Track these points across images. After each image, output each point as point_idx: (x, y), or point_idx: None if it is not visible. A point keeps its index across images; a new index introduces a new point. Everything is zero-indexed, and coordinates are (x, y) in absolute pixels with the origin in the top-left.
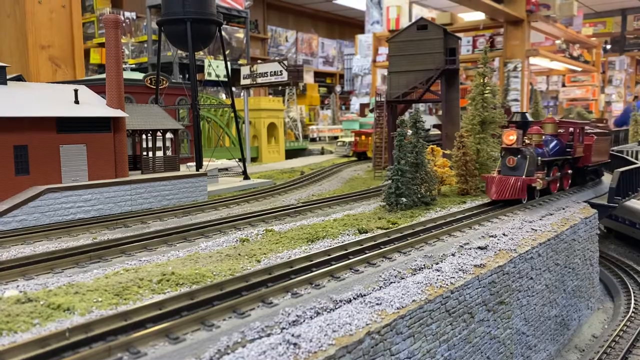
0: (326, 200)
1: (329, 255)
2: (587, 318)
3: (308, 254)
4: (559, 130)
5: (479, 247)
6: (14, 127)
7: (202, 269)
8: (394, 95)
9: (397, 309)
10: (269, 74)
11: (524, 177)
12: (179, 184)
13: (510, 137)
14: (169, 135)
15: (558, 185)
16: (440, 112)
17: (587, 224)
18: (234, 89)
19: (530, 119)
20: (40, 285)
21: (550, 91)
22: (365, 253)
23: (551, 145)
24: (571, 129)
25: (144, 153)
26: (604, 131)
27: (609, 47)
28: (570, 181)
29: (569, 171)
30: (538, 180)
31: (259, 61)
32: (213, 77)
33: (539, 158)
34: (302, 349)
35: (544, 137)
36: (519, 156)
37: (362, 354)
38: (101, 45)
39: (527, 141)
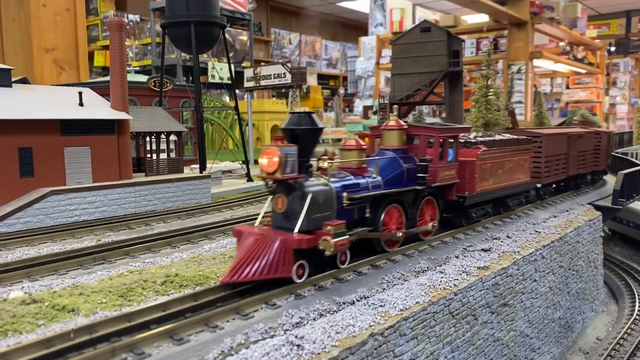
0: None
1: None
2: (591, 320)
3: None
4: (414, 142)
5: (482, 250)
6: (19, 130)
7: (206, 271)
8: (397, 98)
9: (401, 310)
10: (272, 76)
11: (295, 233)
12: (183, 186)
13: (271, 158)
14: (172, 137)
15: (400, 239)
16: (443, 114)
17: (591, 226)
18: (237, 91)
19: (320, 124)
20: (45, 287)
21: (554, 93)
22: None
23: (388, 170)
24: (432, 139)
25: (148, 155)
26: (514, 138)
27: (613, 49)
28: (434, 224)
29: (434, 209)
30: (328, 238)
31: (262, 63)
32: (217, 80)
33: (347, 194)
34: (306, 350)
35: (374, 155)
36: (292, 194)
37: (365, 356)
38: (105, 47)
39: (324, 164)
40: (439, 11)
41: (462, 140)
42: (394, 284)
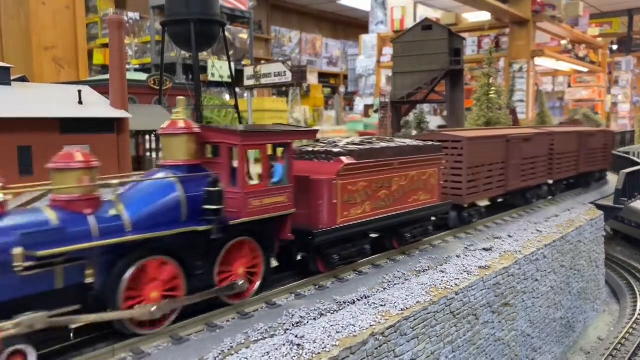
0: None
1: None
2: (592, 320)
3: None
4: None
5: (483, 249)
6: (18, 128)
7: None
8: (398, 96)
9: (401, 310)
10: (272, 74)
11: None
12: None
13: None
14: None
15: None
16: (445, 113)
17: (593, 225)
18: (237, 89)
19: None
20: None
21: (556, 92)
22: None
23: (146, 202)
24: (237, 149)
25: (148, 154)
26: (411, 145)
27: (615, 47)
28: (248, 280)
29: (253, 257)
30: None
31: (262, 62)
32: (217, 78)
33: (23, 249)
34: (306, 350)
35: (148, 174)
36: None
37: (366, 356)
38: (105, 46)
39: None
40: (440, 9)
41: (321, 150)
42: (395, 284)
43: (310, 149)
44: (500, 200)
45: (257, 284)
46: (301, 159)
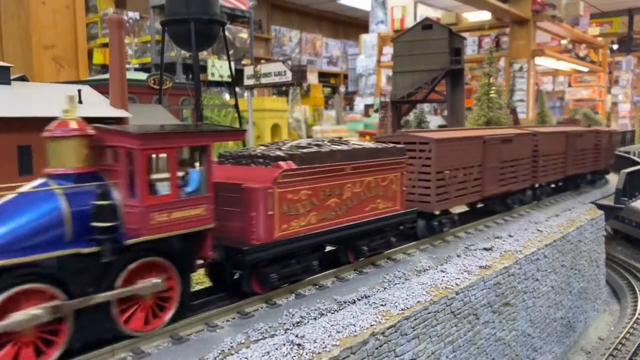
0: None
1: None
2: (593, 320)
3: None
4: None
5: (484, 248)
6: (18, 127)
7: None
8: (398, 96)
9: (402, 310)
10: (272, 74)
11: None
12: None
13: None
14: None
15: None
16: (445, 113)
17: (593, 225)
18: (237, 89)
19: None
20: None
21: (556, 92)
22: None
23: (18, 219)
24: (134, 153)
25: None
26: (368, 147)
27: (615, 47)
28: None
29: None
30: None
31: (262, 61)
32: (216, 78)
33: None
34: (306, 349)
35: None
36: None
37: (366, 355)
38: (105, 45)
39: None
40: (441, 9)
41: (259, 154)
42: (395, 283)
43: (247, 152)
44: (480, 205)
45: (170, 312)
46: (238, 164)
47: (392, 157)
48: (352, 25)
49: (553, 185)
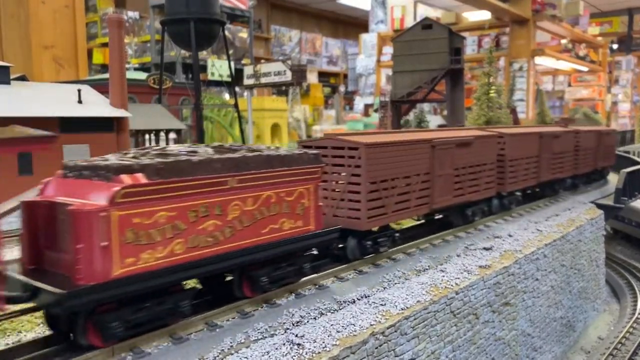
0: None
1: None
2: (593, 319)
3: None
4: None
5: (484, 248)
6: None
7: None
8: (398, 95)
9: (402, 309)
10: (272, 74)
11: None
12: None
13: None
14: (172, 135)
15: None
16: (445, 112)
17: (593, 224)
18: (237, 88)
19: None
20: None
21: (556, 91)
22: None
23: None
24: None
25: None
26: (270, 155)
27: (615, 46)
28: None
29: None
30: None
31: (262, 61)
32: (216, 77)
33: None
34: (306, 349)
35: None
36: None
37: (366, 355)
38: (104, 45)
39: None
40: (441, 8)
41: (101, 164)
42: (395, 283)
43: (94, 162)
44: (438, 216)
45: None
46: (79, 178)
47: (301, 166)
48: (352, 25)
49: (525, 193)
